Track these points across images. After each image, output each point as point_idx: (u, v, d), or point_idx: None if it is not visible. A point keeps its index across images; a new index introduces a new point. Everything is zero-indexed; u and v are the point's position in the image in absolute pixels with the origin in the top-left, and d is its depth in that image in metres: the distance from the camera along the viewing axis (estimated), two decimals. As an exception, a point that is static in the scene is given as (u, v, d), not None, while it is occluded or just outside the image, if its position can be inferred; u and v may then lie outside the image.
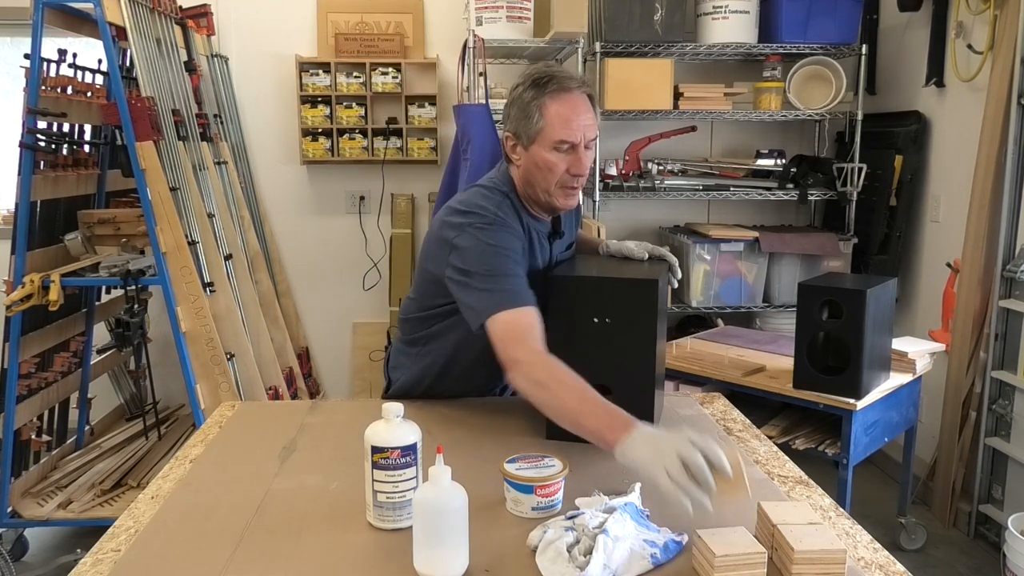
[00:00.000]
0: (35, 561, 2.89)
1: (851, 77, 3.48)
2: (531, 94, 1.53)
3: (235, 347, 2.85)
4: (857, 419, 2.35)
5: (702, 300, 3.51)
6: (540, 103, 1.52)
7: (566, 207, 1.63)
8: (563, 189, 1.58)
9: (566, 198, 1.60)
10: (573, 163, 1.55)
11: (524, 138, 1.56)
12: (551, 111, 1.52)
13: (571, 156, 1.55)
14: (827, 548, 1.06)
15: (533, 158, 1.56)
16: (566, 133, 1.52)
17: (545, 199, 1.60)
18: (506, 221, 1.56)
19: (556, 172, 1.55)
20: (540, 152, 1.54)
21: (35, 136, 2.71)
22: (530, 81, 1.55)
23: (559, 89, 1.52)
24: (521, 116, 1.55)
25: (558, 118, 1.52)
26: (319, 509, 1.29)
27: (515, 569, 1.11)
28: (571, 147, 1.54)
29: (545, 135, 1.53)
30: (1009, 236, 2.88)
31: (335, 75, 3.64)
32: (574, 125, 1.52)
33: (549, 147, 1.54)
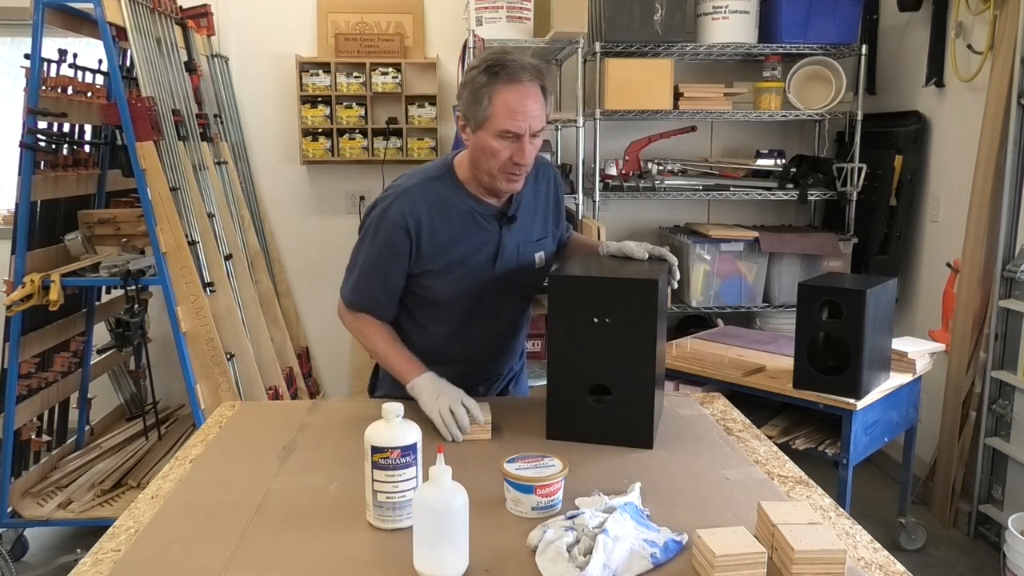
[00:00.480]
0: (35, 561, 2.89)
1: (851, 77, 3.48)
2: (483, 80, 1.54)
3: (235, 347, 2.85)
4: (857, 419, 2.35)
5: (702, 300, 3.51)
6: (490, 90, 1.53)
7: (509, 190, 1.66)
8: (505, 174, 1.61)
9: (508, 182, 1.62)
10: (516, 152, 1.57)
11: (472, 122, 1.58)
12: (498, 100, 1.53)
13: (515, 145, 1.57)
14: (827, 548, 1.06)
15: (479, 142, 1.58)
16: (511, 124, 1.54)
17: (488, 181, 1.63)
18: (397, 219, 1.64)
19: (499, 159, 1.58)
20: (485, 138, 1.57)
21: (35, 136, 2.71)
22: (484, 66, 1.55)
23: (508, 79, 1.53)
24: (471, 100, 1.56)
25: (504, 108, 1.53)
26: (319, 509, 1.29)
27: (515, 569, 1.11)
28: (515, 137, 1.56)
29: (491, 123, 1.55)
30: (1009, 236, 2.88)
31: (335, 75, 3.64)
32: (519, 116, 1.54)
33: (494, 135, 1.56)
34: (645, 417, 1.53)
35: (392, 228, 1.64)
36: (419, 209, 1.64)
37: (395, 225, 1.63)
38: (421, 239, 1.65)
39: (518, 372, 2.00)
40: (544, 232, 1.81)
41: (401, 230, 1.63)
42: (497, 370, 1.91)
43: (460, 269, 1.69)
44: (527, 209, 1.76)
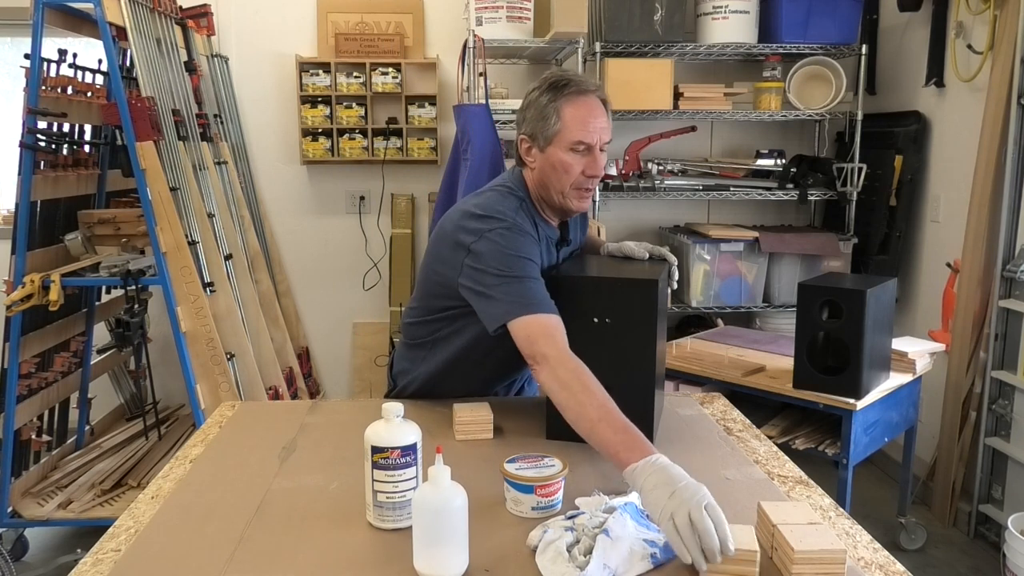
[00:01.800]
0: (35, 561, 2.89)
1: (851, 77, 3.48)
2: (548, 97, 1.56)
3: (235, 347, 2.85)
4: (857, 419, 2.35)
5: (702, 300, 3.51)
6: (557, 106, 1.55)
7: (579, 209, 1.65)
8: (577, 191, 1.60)
9: (580, 199, 1.62)
10: (589, 164, 1.58)
11: (541, 139, 1.58)
12: (568, 113, 1.55)
13: (587, 158, 1.57)
14: (827, 548, 1.06)
15: (549, 159, 1.58)
16: (583, 134, 1.55)
17: (559, 201, 1.62)
18: (524, 227, 1.57)
19: (572, 173, 1.57)
20: (557, 153, 1.57)
21: (35, 136, 2.71)
22: (547, 84, 1.57)
23: (577, 92, 1.55)
24: (538, 118, 1.57)
25: (575, 120, 1.55)
26: (319, 509, 1.29)
27: (515, 569, 1.11)
28: (587, 148, 1.56)
29: (562, 136, 1.55)
30: (1009, 236, 2.88)
31: (335, 75, 3.64)
32: (591, 127, 1.55)
33: (566, 148, 1.56)
34: (645, 417, 1.53)
35: (528, 239, 1.55)
36: (530, 233, 1.58)
37: (529, 236, 1.56)
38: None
39: (528, 377, 1.99)
40: (578, 244, 1.85)
41: (533, 240, 1.57)
42: (521, 374, 1.91)
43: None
44: (573, 226, 1.79)
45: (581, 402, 1.37)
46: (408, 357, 1.82)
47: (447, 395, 1.77)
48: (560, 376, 1.40)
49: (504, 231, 1.53)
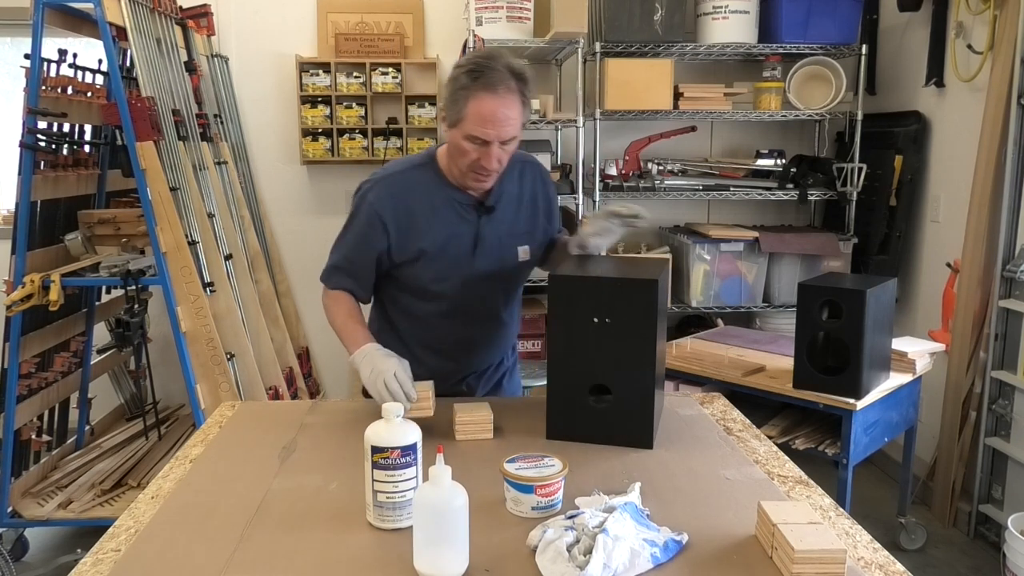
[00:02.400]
0: (35, 561, 2.89)
1: (851, 77, 3.48)
2: (463, 81, 1.58)
3: (235, 347, 2.85)
4: (857, 419, 2.35)
5: (702, 300, 3.51)
6: (467, 94, 1.58)
7: (477, 188, 1.71)
8: (473, 174, 1.66)
9: (475, 182, 1.68)
10: (484, 156, 1.61)
11: (449, 119, 1.64)
12: (472, 107, 1.57)
13: (482, 150, 1.61)
14: (827, 548, 1.06)
15: (452, 139, 1.65)
16: (479, 131, 1.58)
17: (459, 176, 1.70)
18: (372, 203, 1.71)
19: (467, 159, 1.63)
20: (457, 136, 1.62)
21: (35, 136, 2.71)
22: (468, 67, 1.59)
23: (485, 88, 1.56)
24: (451, 99, 1.61)
25: (476, 115, 1.57)
26: (319, 509, 1.29)
27: (515, 569, 1.11)
28: (483, 143, 1.60)
29: (463, 125, 1.60)
30: (1009, 236, 2.88)
31: (335, 75, 3.64)
32: (489, 126, 1.58)
33: (463, 136, 1.61)
34: (645, 417, 1.53)
35: (369, 212, 1.72)
36: (399, 194, 1.72)
37: (371, 209, 1.71)
38: (398, 224, 1.71)
39: (511, 367, 2.01)
40: (530, 227, 1.83)
41: (376, 216, 1.71)
42: (485, 361, 1.93)
43: (441, 257, 1.74)
44: (509, 202, 1.79)
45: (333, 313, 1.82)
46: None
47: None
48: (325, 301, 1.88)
49: (361, 198, 1.74)
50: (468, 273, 1.76)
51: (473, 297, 1.78)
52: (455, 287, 1.76)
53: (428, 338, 1.83)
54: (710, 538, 1.18)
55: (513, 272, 1.83)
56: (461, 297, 1.77)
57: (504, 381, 1.98)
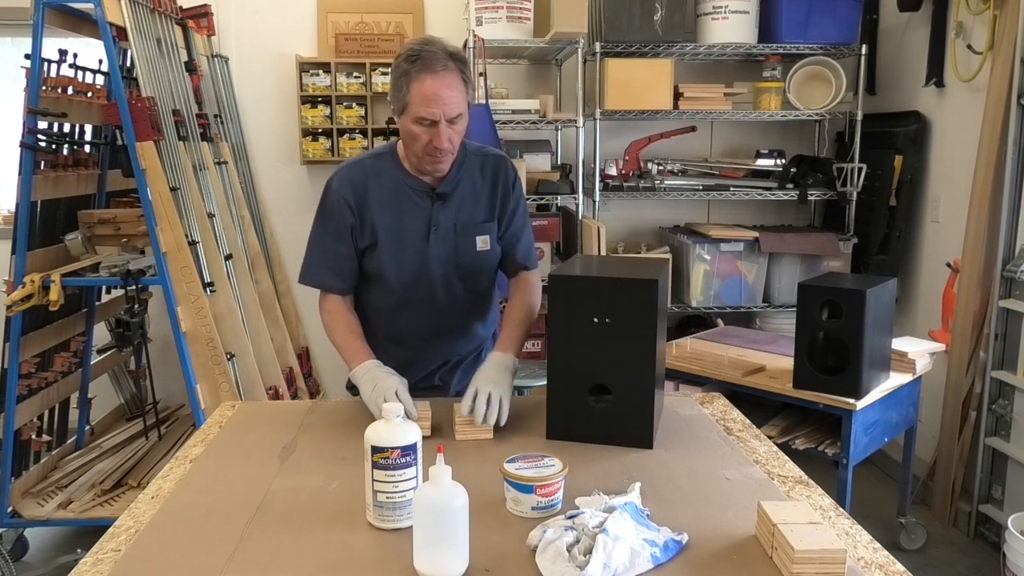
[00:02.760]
0: (35, 561, 2.89)
1: (851, 77, 3.48)
2: (403, 68, 1.64)
3: (235, 347, 2.85)
4: (857, 419, 2.35)
5: (702, 300, 3.51)
6: (408, 79, 1.63)
7: (435, 171, 1.76)
8: (429, 156, 1.70)
9: (433, 164, 1.73)
10: (434, 136, 1.66)
11: (397, 107, 1.69)
12: (415, 89, 1.63)
13: (432, 131, 1.66)
14: (827, 548, 1.06)
15: (403, 126, 1.69)
16: (425, 111, 1.63)
17: (416, 162, 1.75)
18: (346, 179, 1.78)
19: (420, 142, 1.68)
20: (406, 122, 1.67)
21: (35, 136, 2.71)
22: (405, 55, 1.65)
23: (423, 68, 1.62)
24: (395, 87, 1.67)
25: (420, 97, 1.63)
26: (319, 509, 1.29)
27: (515, 569, 1.11)
28: (431, 123, 1.65)
29: (409, 109, 1.65)
30: (1009, 236, 2.88)
31: (335, 75, 3.64)
32: (433, 104, 1.62)
33: (412, 120, 1.66)
34: (645, 417, 1.53)
35: (335, 198, 1.78)
36: (358, 179, 1.78)
37: (336, 195, 1.78)
38: (361, 207, 1.77)
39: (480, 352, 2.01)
40: (490, 218, 1.86)
41: (341, 199, 1.77)
42: (454, 352, 1.93)
43: (398, 243, 1.79)
44: (467, 192, 1.83)
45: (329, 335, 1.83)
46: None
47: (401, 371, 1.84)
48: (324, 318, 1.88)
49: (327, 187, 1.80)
50: (424, 259, 1.80)
51: (432, 284, 1.82)
52: (412, 273, 1.80)
53: (392, 329, 1.87)
54: (710, 538, 1.18)
55: (473, 262, 1.84)
56: (419, 284, 1.82)
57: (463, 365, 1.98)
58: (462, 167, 1.81)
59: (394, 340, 1.87)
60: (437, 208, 1.79)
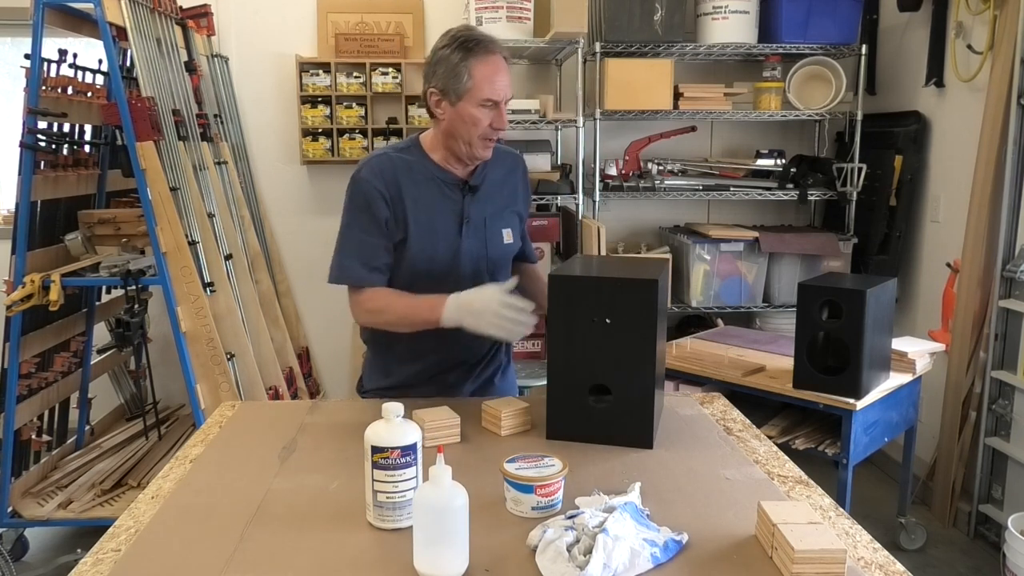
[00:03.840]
0: (35, 561, 2.89)
1: (851, 77, 3.48)
2: (459, 55, 1.67)
3: (235, 347, 2.85)
4: (857, 419, 2.35)
5: (702, 300, 3.51)
6: (468, 64, 1.67)
7: (484, 156, 1.78)
8: (483, 140, 1.73)
9: (485, 148, 1.75)
10: (496, 118, 1.72)
11: (452, 95, 1.70)
12: (478, 72, 1.67)
13: (494, 112, 1.71)
14: (827, 548, 1.06)
15: (460, 113, 1.70)
16: (492, 92, 1.68)
17: (466, 150, 1.75)
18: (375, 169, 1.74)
19: (480, 126, 1.71)
20: (467, 108, 1.69)
21: (35, 136, 2.71)
22: (457, 43, 1.69)
23: (485, 52, 1.68)
24: (450, 75, 1.68)
25: (484, 79, 1.68)
26: (319, 509, 1.29)
27: (515, 569, 1.11)
28: (494, 104, 1.70)
29: (473, 94, 1.68)
30: (1009, 236, 2.88)
31: (335, 75, 3.64)
32: (498, 86, 1.69)
33: (476, 104, 1.69)
34: (645, 417, 1.53)
35: (367, 188, 1.74)
36: (388, 171, 1.75)
37: (368, 185, 1.74)
38: (394, 199, 1.74)
39: (505, 364, 1.99)
40: (512, 212, 1.89)
41: (374, 189, 1.73)
42: (476, 352, 1.91)
43: (431, 237, 1.77)
44: (494, 185, 1.85)
45: (392, 311, 1.74)
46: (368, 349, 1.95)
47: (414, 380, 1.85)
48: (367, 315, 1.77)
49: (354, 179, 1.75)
50: (456, 253, 1.79)
51: (461, 278, 1.80)
52: (443, 267, 1.79)
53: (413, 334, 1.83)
54: (710, 538, 1.18)
55: (501, 255, 1.87)
56: (448, 279, 1.79)
57: (496, 379, 1.97)
58: (488, 161, 1.83)
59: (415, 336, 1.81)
60: (468, 201, 1.80)
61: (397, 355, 1.86)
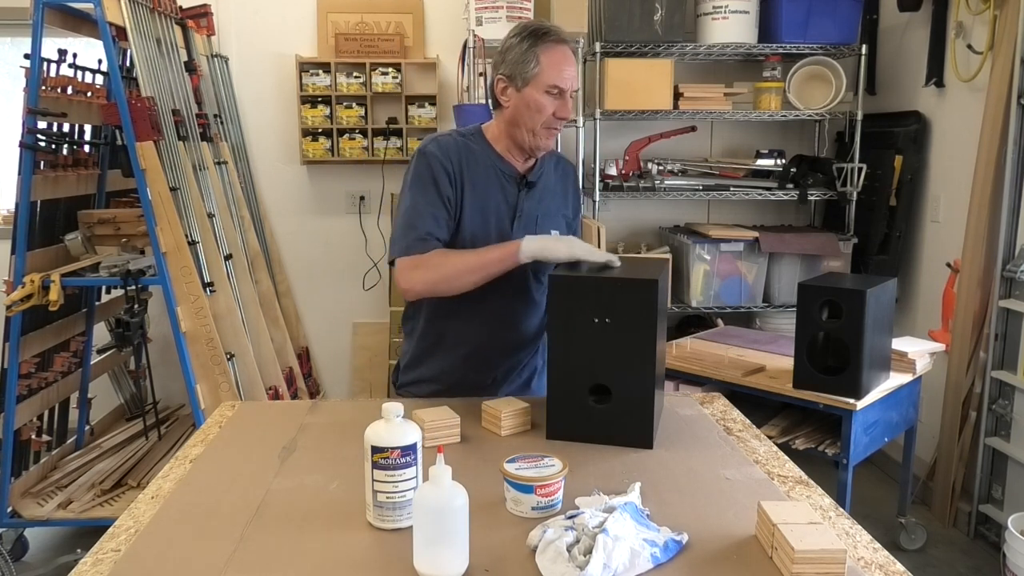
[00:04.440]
0: (35, 561, 2.89)
1: (851, 77, 3.48)
2: (529, 42, 1.70)
3: (235, 347, 2.85)
4: (857, 419, 2.35)
5: (702, 300, 3.51)
6: (537, 51, 1.69)
7: (546, 147, 1.79)
8: (546, 129, 1.75)
9: (547, 138, 1.77)
10: (560, 107, 1.73)
11: (519, 80, 1.71)
12: (546, 59, 1.69)
13: (559, 101, 1.72)
14: (827, 548, 1.06)
15: (525, 99, 1.72)
16: (559, 79, 1.70)
17: (528, 138, 1.76)
18: (441, 148, 1.75)
19: (544, 113, 1.72)
20: (533, 94, 1.71)
21: (35, 136, 2.71)
22: (528, 32, 1.71)
23: (555, 41, 1.71)
24: (518, 60, 1.70)
25: (552, 66, 1.70)
26: (319, 509, 1.29)
27: (515, 569, 1.11)
28: (560, 92, 1.71)
29: (540, 79, 1.70)
30: (1009, 236, 2.88)
31: (335, 75, 3.64)
32: (566, 74, 1.71)
33: (542, 90, 1.70)
34: (645, 417, 1.53)
35: (434, 163, 1.74)
36: (453, 150, 1.76)
37: (435, 160, 1.74)
38: (458, 179, 1.75)
39: (540, 368, 2.00)
40: (562, 215, 1.91)
41: (440, 165, 1.74)
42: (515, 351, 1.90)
43: (483, 223, 1.78)
44: (548, 186, 1.87)
45: (457, 263, 1.69)
46: (405, 339, 1.94)
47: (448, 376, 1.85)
48: (425, 274, 1.69)
49: (418, 154, 1.75)
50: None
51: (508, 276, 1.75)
52: None
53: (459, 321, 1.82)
54: (710, 538, 1.18)
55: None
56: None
57: (533, 382, 1.97)
58: (544, 161, 1.85)
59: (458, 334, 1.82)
60: (523, 195, 1.82)
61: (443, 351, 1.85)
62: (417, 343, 1.90)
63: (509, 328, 1.87)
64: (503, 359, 1.89)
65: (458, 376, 1.86)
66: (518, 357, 1.92)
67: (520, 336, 1.90)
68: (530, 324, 1.91)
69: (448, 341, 1.85)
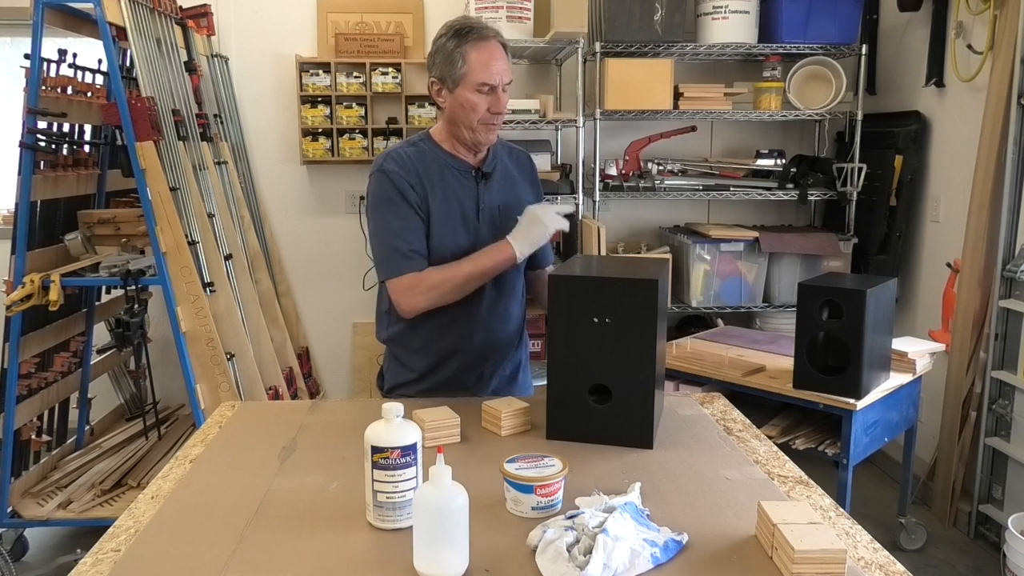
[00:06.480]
0: (35, 561, 2.89)
1: (851, 77, 3.48)
2: (454, 43, 1.72)
3: (235, 347, 2.85)
4: (857, 419, 2.35)
5: (702, 300, 3.51)
6: (463, 50, 1.72)
7: (488, 141, 1.82)
8: (485, 125, 1.78)
9: (487, 133, 1.80)
10: (493, 102, 1.75)
11: (449, 82, 1.75)
12: (472, 57, 1.72)
13: (491, 97, 1.75)
14: (827, 548, 1.06)
15: (458, 99, 1.75)
16: (487, 76, 1.73)
17: (469, 136, 1.79)
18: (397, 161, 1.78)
19: (478, 111, 1.75)
20: (464, 94, 1.74)
21: (35, 136, 2.71)
22: (452, 32, 1.74)
23: (479, 38, 1.72)
24: (446, 62, 1.73)
25: (479, 64, 1.72)
26: (319, 509, 1.29)
27: (515, 569, 1.11)
28: (491, 89, 1.74)
29: (469, 78, 1.73)
30: (1009, 236, 2.88)
31: (335, 75, 3.64)
32: (493, 70, 1.73)
33: (472, 89, 1.73)
34: (645, 417, 1.53)
35: (395, 178, 1.77)
36: (407, 161, 1.80)
37: (395, 175, 1.77)
38: (420, 186, 1.78)
39: (524, 363, 2.02)
40: (528, 201, 1.91)
41: (401, 178, 1.77)
42: (496, 347, 1.92)
43: (450, 223, 1.80)
44: (505, 174, 1.89)
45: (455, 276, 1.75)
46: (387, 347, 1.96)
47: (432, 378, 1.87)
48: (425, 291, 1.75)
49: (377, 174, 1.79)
50: (475, 240, 1.82)
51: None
52: (465, 253, 1.80)
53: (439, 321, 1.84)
54: (710, 538, 1.18)
55: None
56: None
57: (519, 376, 1.99)
58: (496, 151, 1.88)
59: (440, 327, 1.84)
60: (482, 187, 1.85)
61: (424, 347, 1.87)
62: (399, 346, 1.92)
63: (491, 316, 1.89)
64: (488, 352, 1.90)
65: (446, 374, 1.87)
66: (502, 347, 1.93)
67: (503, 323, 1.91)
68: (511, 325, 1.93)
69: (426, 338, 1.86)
